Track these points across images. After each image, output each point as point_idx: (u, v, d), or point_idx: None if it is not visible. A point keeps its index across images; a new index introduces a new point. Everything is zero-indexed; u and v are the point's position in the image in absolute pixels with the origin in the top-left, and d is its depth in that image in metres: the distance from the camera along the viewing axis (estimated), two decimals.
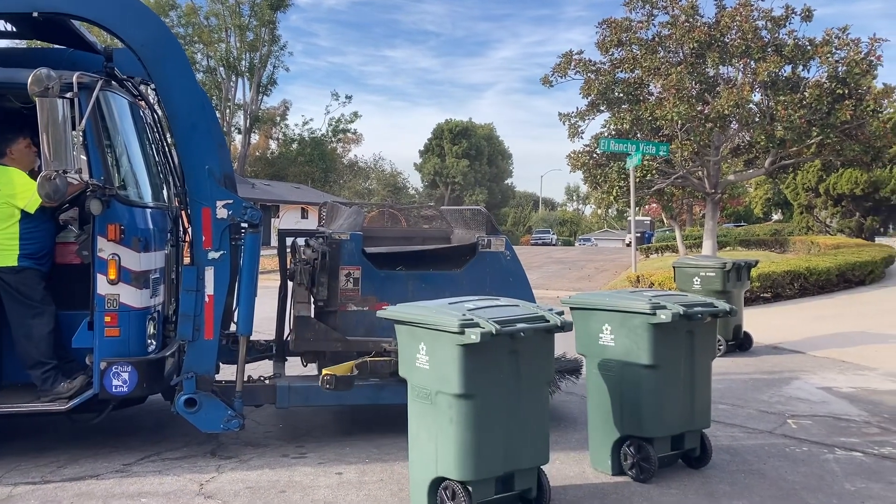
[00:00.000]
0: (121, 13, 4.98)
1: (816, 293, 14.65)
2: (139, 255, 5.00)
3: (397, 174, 73.83)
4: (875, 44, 16.72)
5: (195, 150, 5.13)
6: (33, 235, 5.05)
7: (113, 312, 4.91)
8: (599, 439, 5.09)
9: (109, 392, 4.91)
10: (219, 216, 5.10)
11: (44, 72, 4.42)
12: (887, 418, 6.51)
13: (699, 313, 4.90)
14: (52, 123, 4.41)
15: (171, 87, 5.11)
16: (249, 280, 5.27)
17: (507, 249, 6.08)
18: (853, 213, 31.25)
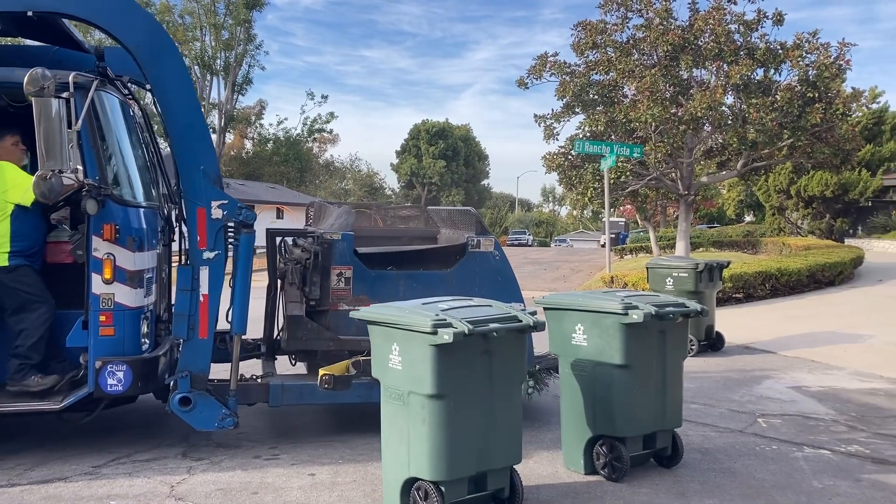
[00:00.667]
0: (116, 13, 4.99)
1: (787, 293, 14.84)
2: (134, 255, 5.02)
3: (374, 174, 73.67)
4: (844, 48, 16.98)
5: (190, 151, 5.15)
6: (25, 233, 5.03)
7: (108, 312, 4.92)
8: (572, 439, 5.12)
9: (104, 391, 4.92)
10: (213, 216, 5.14)
11: (39, 71, 4.40)
12: (854, 417, 6.61)
13: (671, 313, 4.94)
14: (47, 123, 4.40)
15: (167, 88, 5.12)
16: (244, 280, 5.31)
17: (496, 250, 6.15)
18: (823, 215, 31.70)
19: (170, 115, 5.15)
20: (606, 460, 4.92)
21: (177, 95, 5.15)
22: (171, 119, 5.15)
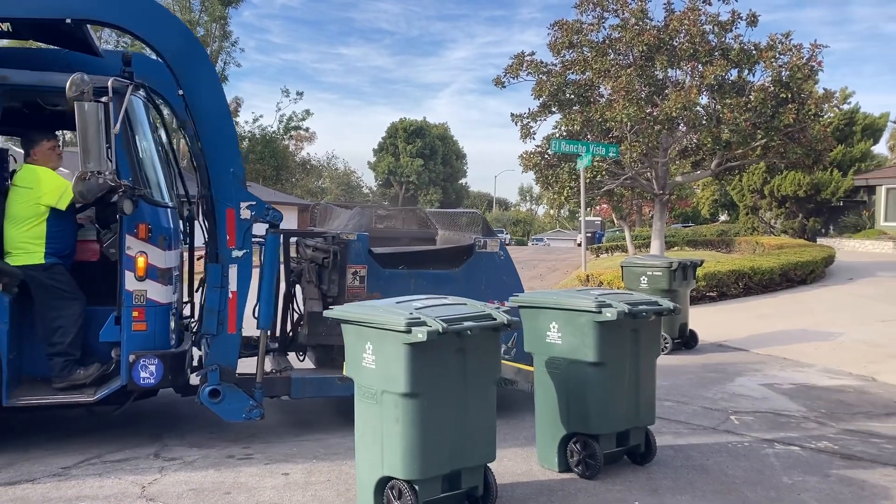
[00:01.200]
0: (151, 22, 5.19)
1: (760, 292, 14.99)
2: (164, 253, 5.26)
3: (351, 173, 73.41)
4: (816, 50, 17.18)
5: (221, 154, 5.38)
6: (59, 234, 5.27)
7: (140, 307, 5.16)
8: (546, 436, 5.14)
9: (137, 384, 5.15)
10: (242, 217, 5.38)
11: (80, 77, 4.59)
12: (824, 413, 6.70)
13: (644, 311, 4.98)
14: (87, 126, 4.58)
15: (199, 94, 5.33)
16: (270, 278, 5.55)
17: (501, 250, 6.45)
18: (796, 215, 32.07)
19: (201, 120, 5.35)
20: (580, 458, 4.95)
21: (208, 101, 5.36)
22: (202, 124, 5.36)
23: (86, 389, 5.18)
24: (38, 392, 5.18)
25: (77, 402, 5.20)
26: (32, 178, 5.25)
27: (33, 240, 5.17)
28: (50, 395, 5.16)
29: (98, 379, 5.24)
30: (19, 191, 5.24)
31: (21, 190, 5.24)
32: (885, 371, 8.43)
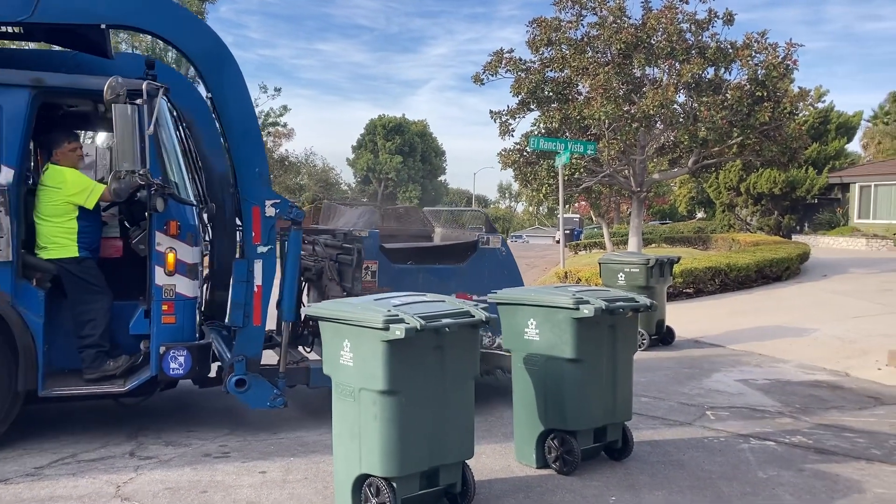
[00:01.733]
0: (182, 27, 5.47)
1: (736, 288, 15.14)
2: (192, 249, 5.49)
3: (329, 169, 73.02)
4: (791, 48, 17.33)
5: (247, 155, 5.60)
6: (88, 229, 5.49)
7: (170, 301, 5.39)
8: (524, 433, 5.15)
9: (167, 374, 5.40)
10: (267, 214, 5.57)
11: (117, 80, 4.80)
12: (799, 408, 6.78)
13: (621, 308, 5.00)
14: (124, 127, 4.80)
15: (227, 97, 5.55)
16: (293, 272, 5.76)
17: (502, 246, 6.82)
18: (772, 212, 32.39)
19: (228, 122, 5.59)
20: (558, 454, 4.97)
21: (235, 104, 5.58)
22: (229, 125, 5.59)
23: (116, 380, 5.41)
24: (70, 383, 5.38)
25: (108, 393, 5.43)
26: (60, 178, 5.41)
27: (67, 234, 5.38)
28: (82, 385, 5.36)
29: (127, 370, 5.47)
30: (47, 190, 5.41)
31: (49, 189, 5.40)
32: (858, 366, 8.55)
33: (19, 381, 5.12)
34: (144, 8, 5.39)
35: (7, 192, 5.09)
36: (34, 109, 5.30)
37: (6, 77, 5.21)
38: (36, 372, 5.15)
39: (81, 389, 5.34)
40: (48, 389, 5.23)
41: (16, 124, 5.17)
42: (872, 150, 43.78)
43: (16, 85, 5.20)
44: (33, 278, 5.29)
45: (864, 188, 30.14)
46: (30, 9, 5.07)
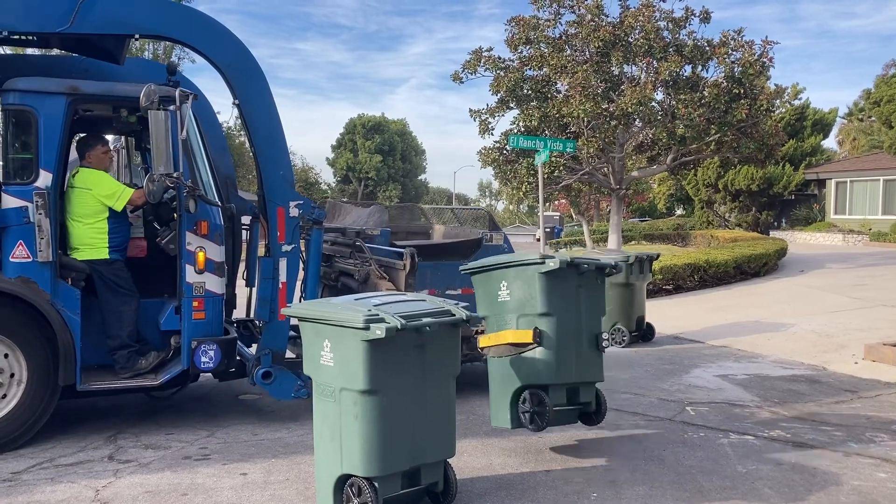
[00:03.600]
0: (211, 38, 5.72)
1: (715, 285, 15.27)
2: (219, 248, 5.70)
3: (309, 169, 72.73)
4: (767, 46, 17.49)
5: (272, 158, 5.89)
6: (117, 231, 5.71)
7: (200, 298, 5.61)
8: (499, 394, 5.27)
9: (199, 367, 5.59)
10: (291, 214, 5.87)
11: (151, 87, 5.02)
12: (777, 403, 6.84)
13: (586, 265, 5.17)
14: (158, 133, 5.01)
15: (253, 104, 5.82)
16: (315, 269, 6.08)
17: (505, 243, 7.05)
18: (750, 208, 32.70)
19: (254, 127, 5.85)
20: (531, 411, 5.06)
21: (261, 110, 5.86)
22: (255, 130, 5.85)
23: (148, 375, 5.63)
24: (106, 377, 5.60)
25: (142, 387, 5.67)
26: (90, 181, 5.62)
27: (98, 235, 5.60)
28: (118, 380, 5.58)
29: (157, 366, 5.68)
30: (78, 192, 5.61)
31: (79, 191, 5.61)
32: (835, 360, 8.64)
33: (59, 376, 5.31)
34: (178, 19, 5.72)
35: (47, 194, 5.27)
36: (70, 116, 5.46)
37: (44, 85, 5.39)
38: (74, 367, 5.34)
39: (117, 383, 5.58)
40: (86, 384, 5.45)
41: (53, 130, 5.34)
42: (848, 146, 44.34)
43: (53, 92, 5.36)
44: (69, 277, 5.47)
45: (840, 184, 30.52)
46: (68, 21, 5.29)
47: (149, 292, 5.90)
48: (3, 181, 5.40)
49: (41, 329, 5.26)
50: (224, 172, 6.69)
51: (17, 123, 5.38)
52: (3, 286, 5.14)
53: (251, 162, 62.61)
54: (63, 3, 5.28)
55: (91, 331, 5.61)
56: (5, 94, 5.35)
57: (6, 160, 5.44)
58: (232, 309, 6.32)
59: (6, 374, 5.22)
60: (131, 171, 7.30)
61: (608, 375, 7.88)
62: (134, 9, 5.66)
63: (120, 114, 6.01)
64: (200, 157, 6.05)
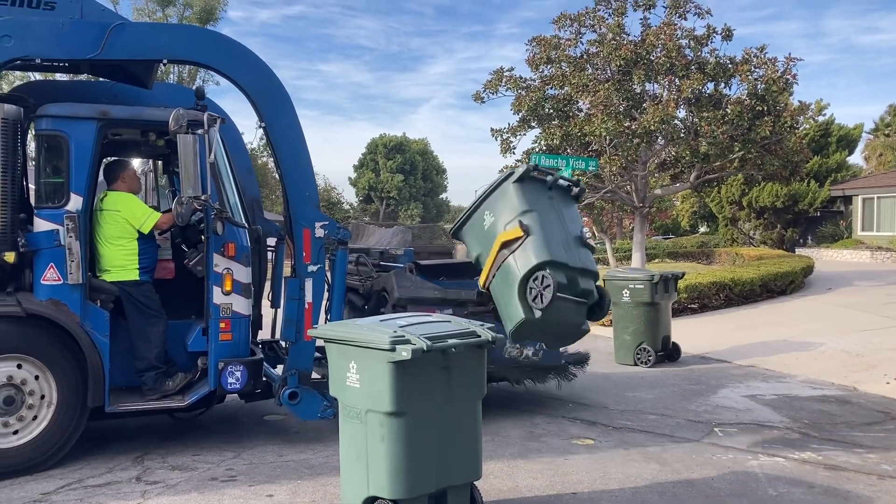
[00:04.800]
0: (239, 63, 5.79)
1: (741, 303, 15.09)
2: (246, 269, 5.77)
3: (331, 189, 73.19)
4: (790, 63, 17.39)
5: (298, 180, 5.95)
6: (147, 252, 5.81)
7: (227, 319, 5.66)
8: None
9: (226, 388, 5.66)
10: (317, 235, 5.93)
11: (180, 111, 5.12)
12: (807, 424, 6.73)
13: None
14: (187, 156, 5.09)
15: (279, 127, 5.90)
16: (340, 290, 6.14)
17: None
18: (775, 225, 32.36)
19: (280, 150, 5.92)
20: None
21: (287, 133, 5.93)
22: (281, 153, 5.92)
23: (175, 396, 5.68)
24: (133, 399, 5.65)
25: (169, 408, 5.73)
26: (118, 203, 5.73)
27: (128, 257, 5.68)
28: (145, 401, 5.64)
29: (184, 387, 5.73)
30: (107, 214, 5.71)
31: (109, 213, 5.71)
32: (866, 380, 8.50)
33: (88, 398, 5.36)
34: (205, 45, 5.85)
35: (77, 218, 5.35)
36: (100, 140, 5.56)
37: (75, 110, 5.49)
38: (103, 389, 5.40)
39: (145, 405, 5.64)
40: (114, 405, 5.49)
41: (84, 154, 5.43)
42: (874, 162, 43.78)
43: (84, 118, 5.46)
44: (98, 299, 5.54)
45: (867, 200, 30.13)
46: (98, 47, 5.40)
47: (176, 314, 5.95)
48: (36, 205, 5.49)
49: (71, 351, 5.32)
50: (250, 194, 6.75)
51: (49, 148, 5.47)
52: (35, 309, 5.21)
53: (274, 182, 63.22)
54: (94, 30, 5.40)
55: (119, 352, 5.65)
56: (38, 119, 5.46)
57: (38, 184, 5.53)
58: (258, 330, 6.34)
59: (37, 396, 5.28)
60: (158, 193, 7.39)
61: (634, 396, 7.85)
62: (162, 35, 5.79)
63: (148, 137, 6.11)
64: (227, 180, 6.11)
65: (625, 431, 6.48)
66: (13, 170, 5.53)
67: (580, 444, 6.09)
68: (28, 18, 5.31)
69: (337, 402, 5.45)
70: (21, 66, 5.70)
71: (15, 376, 5.19)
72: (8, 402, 5.15)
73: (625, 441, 6.17)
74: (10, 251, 5.30)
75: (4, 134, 5.42)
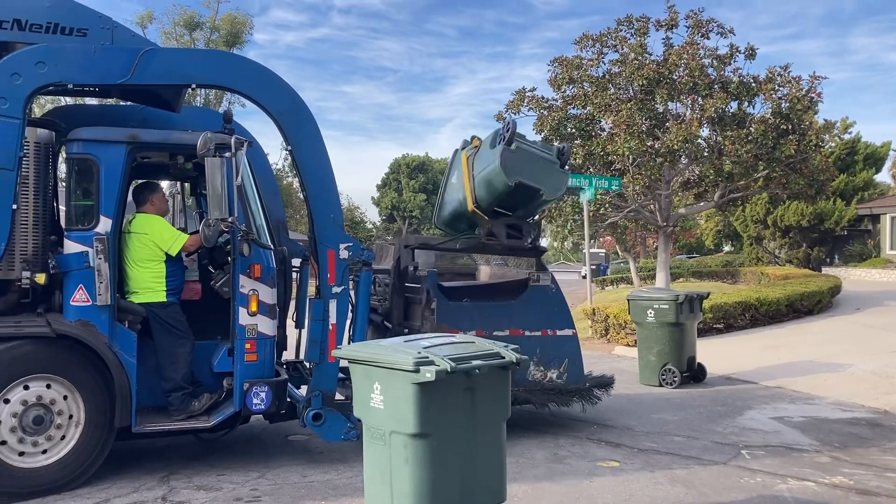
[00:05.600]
0: (266, 87, 5.89)
1: (767, 323, 14.92)
2: (272, 290, 5.81)
3: (354, 208, 73.58)
4: (815, 81, 17.31)
5: (323, 202, 6.02)
6: (174, 274, 5.86)
7: (252, 340, 5.69)
8: None
9: (250, 409, 5.69)
10: (341, 256, 5.98)
11: (208, 135, 5.22)
12: (838, 447, 6.62)
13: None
14: (214, 179, 5.17)
15: (305, 150, 5.98)
16: (364, 310, 6.19)
17: (552, 283, 7.13)
18: (800, 244, 32.03)
19: (306, 172, 6.00)
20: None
21: (313, 156, 6.00)
22: (307, 175, 6.00)
23: (201, 417, 5.72)
24: (159, 419, 5.70)
25: (195, 429, 5.77)
26: (146, 226, 5.81)
27: (156, 279, 5.75)
28: (171, 422, 5.68)
29: (210, 407, 5.76)
30: (135, 237, 5.78)
31: (137, 236, 5.78)
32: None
33: (116, 418, 5.40)
34: (233, 69, 5.95)
35: (106, 240, 5.41)
36: (130, 163, 5.64)
37: (106, 134, 5.58)
38: (130, 409, 5.44)
39: (171, 425, 5.67)
40: (141, 426, 5.54)
41: (113, 177, 5.51)
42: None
43: (114, 141, 5.54)
44: (125, 321, 5.59)
45: (895, 219, 29.73)
46: (129, 72, 5.51)
47: (202, 334, 5.99)
48: (66, 227, 5.59)
49: (99, 371, 5.38)
50: (276, 216, 6.80)
51: (79, 171, 5.57)
52: (64, 329, 5.29)
53: (299, 203, 63.63)
54: (125, 56, 5.51)
55: (146, 373, 5.69)
56: (69, 143, 5.56)
57: (68, 206, 5.62)
58: (282, 351, 6.37)
59: (65, 416, 5.34)
60: (185, 215, 7.48)
61: (659, 417, 7.77)
62: (191, 60, 5.92)
63: (176, 160, 6.20)
64: (254, 202, 6.18)
65: (650, 454, 6.42)
66: (45, 192, 5.65)
67: (605, 466, 6.03)
68: (61, 45, 5.44)
69: (361, 424, 5.49)
70: (53, 91, 5.83)
71: (44, 396, 5.25)
72: (37, 422, 5.22)
73: (650, 463, 6.11)
74: (41, 272, 5.40)
75: (37, 157, 5.56)
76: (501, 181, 6.78)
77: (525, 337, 6.84)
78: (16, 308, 5.46)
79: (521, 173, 6.83)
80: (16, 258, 5.40)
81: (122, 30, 5.74)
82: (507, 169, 6.76)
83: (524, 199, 7.08)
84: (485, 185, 6.99)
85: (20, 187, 5.30)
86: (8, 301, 5.44)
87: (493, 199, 7.04)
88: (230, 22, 44.61)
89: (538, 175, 6.99)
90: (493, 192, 6.97)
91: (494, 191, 6.94)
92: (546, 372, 6.77)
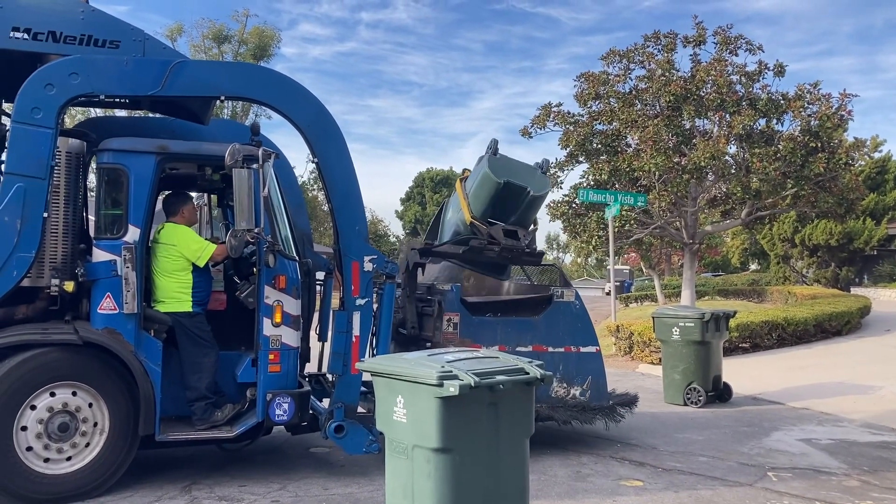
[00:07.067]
0: (292, 99, 5.91)
1: (794, 343, 14.72)
2: (296, 302, 5.84)
3: (378, 222, 73.90)
4: (845, 99, 17.16)
5: (349, 214, 6.02)
6: (201, 285, 5.89)
7: (276, 351, 5.71)
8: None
9: (273, 420, 5.70)
10: (366, 269, 5.97)
11: (236, 146, 5.27)
12: (867, 471, 6.49)
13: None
14: (242, 190, 5.21)
15: (331, 162, 5.98)
16: (387, 323, 6.15)
17: (576, 299, 7.13)
18: (829, 264, 31.63)
19: (331, 184, 6.00)
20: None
21: (339, 168, 6.01)
22: (332, 187, 6.00)
23: (223, 427, 5.73)
24: (183, 428, 5.72)
25: (218, 438, 5.79)
26: (175, 236, 5.85)
27: (183, 289, 5.77)
28: (194, 431, 5.70)
29: (232, 418, 5.77)
30: (163, 247, 5.82)
31: (165, 246, 5.82)
32: None
33: (140, 426, 5.44)
34: (261, 82, 5.98)
35: (134, 249, 5.46)
36: (159, 174, 5.71)
37: (135, 145, 5.65)
38: (154, 417, 5.47)
39: (194, 435, 5.70)
40: (164, 434, 5.57)
41: (143, 187, 5.58)
42: None
43: (144, 152, 5.62)
44: (151, 329, 5.62)
45: None
46: (159, 84, 5.56)
47: (226, 345, 6.01)
48: (95, 235, 5.65)
49: (124, 379, 5.42)
50: (301, 228, 6.84)
51: (109, 181, 5.63)
52: (91, 337, 5.34)
53: (324, 215, 63.85)
54: (155, 68, 5.58)
55: (170, 382, 5.71)
56: (100, 153, 5.64)
57: (98, 215, 5.69)
58: (305, 362, 6.38)
59: (90, 423, 5.38)
60: (212, 226, 7.54)
61: (684, 437, 7.67)
62: (220, 73, 5.98)
63: (204, 172, 6.25)
64: (280, 214, 6.22)
65: (674, 473, 6.33)
66: (74, 201, 5.72)
67: (628, 485, 5.96)
68: (93, 56, 5.52)
69: (383, 437, 5.49)
70: (85, 102, 5.91)
71: (70, 403, 5.30)
72: (63, 429, 5.26)
73: (674, 483, 6.02)
74: (70, 280, 5.45)
75: (68, 167, 5.63)
76: (492, 182, 7.06)
77: (548, 353, 6.84)
78: (43, 315, 5.52)
79: (508, 174, 7.16)
80: (45, 266, 5.46)
81: (154, 42, 5.81)
82: (495, 171, 7.11)
83: (514, 200, 7.24)
84: (477, 193, 7.24)
85: (51, 196, 5.36)
86: (36, 308, 5.49)
87: (488, 205, 7.21)
88: (258, 35, 45.16)
89: (523, 176, 7.31)
90: (486, 197, 7.17)
91: (487, 195, 7.15)
92: (569, 389, 6.75)
